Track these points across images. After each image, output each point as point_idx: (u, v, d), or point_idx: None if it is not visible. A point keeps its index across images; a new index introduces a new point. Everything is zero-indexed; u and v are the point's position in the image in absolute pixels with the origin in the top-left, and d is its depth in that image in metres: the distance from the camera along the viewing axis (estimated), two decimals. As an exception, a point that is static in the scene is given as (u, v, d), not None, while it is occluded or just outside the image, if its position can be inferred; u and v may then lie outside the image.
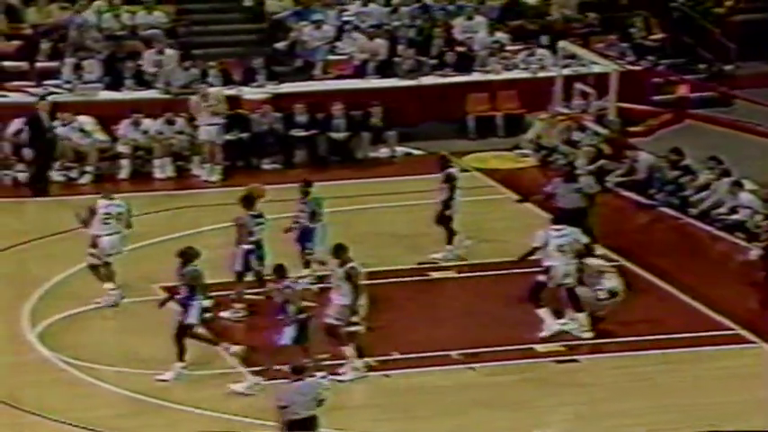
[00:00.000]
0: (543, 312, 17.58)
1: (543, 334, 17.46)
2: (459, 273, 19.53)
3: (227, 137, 23.93)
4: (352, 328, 16.34)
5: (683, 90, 26.77)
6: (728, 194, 21.56)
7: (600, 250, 19.56)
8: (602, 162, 23.55)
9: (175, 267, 16.33)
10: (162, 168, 23.77)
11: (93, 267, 18.35)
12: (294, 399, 13.41)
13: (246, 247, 17.89)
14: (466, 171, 23.61)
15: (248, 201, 18.24)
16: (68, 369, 16.36)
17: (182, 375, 16.10)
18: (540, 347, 17.20)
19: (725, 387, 16.21)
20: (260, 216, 18.08)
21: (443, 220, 19.71)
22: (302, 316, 15.94)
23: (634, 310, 18.30)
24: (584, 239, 17.88)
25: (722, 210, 21.54)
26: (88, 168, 23.37)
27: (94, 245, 18.17)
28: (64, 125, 23.40)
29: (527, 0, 28.63)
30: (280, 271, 16.20)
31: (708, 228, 21.58)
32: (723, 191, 21.70)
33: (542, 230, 17.81)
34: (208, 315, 16.59)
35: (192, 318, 16.11)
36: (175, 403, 15.47)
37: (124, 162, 23.76)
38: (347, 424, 15.15)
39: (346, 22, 27.15)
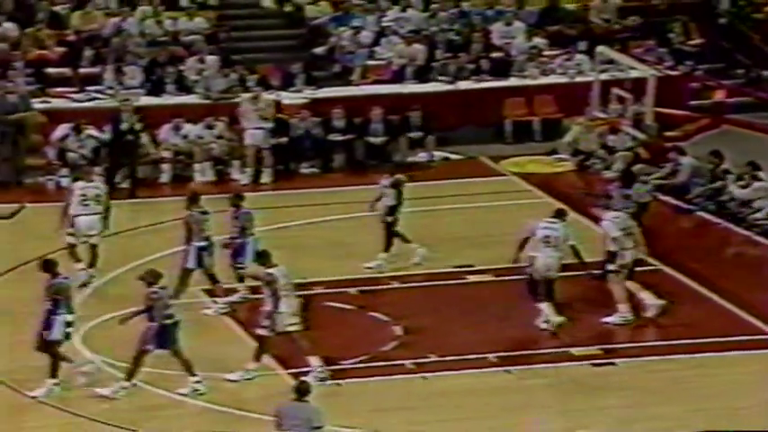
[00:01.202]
0: (544, 306, 17.65)
1: (544, 326, 17.59)
2: (496, 276, 19.62)
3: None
4: (290, 329, 16.31)
5: (720, 95, 26.75)
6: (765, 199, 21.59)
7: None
8: (639, 167, 23.59)
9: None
10: (202, 172, 23.99)
11: (70, 246, 18.75)
12: (287, 418, 13.13)
13: (198, 244, 18.06)
14: (503, 175, 23.85)
15: (194, 199, 18.54)
16: (111, 371, 16.48)
17: (53, 391, 15.86)
18: (576, 351, 17.27)
19: (761, 390, 16.19)
20: (206, 213, 18.31)
21: (387, 226, 19.47)
22: (168, 321, 15.93)
23: (671, 314, 18.36)
24: (572, 240, 17.86)
25: (760, 215, 21.55)
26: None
27: (72, 225, 18.63)
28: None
29: (566, 5, 28.68)
30: (151, 276, 16.13)
31: (745, 232, 21.60)
32: (759, 195, 21.73)
33: (533, 221, 17.92)
34: (70, 329, 16.12)
35: (55, 333, 15.81)
36: (215, 404, 15.59)
37: (165, 166, 24.01)
38: (383, 426, 15.26)
39: (385, 28, 27.28)
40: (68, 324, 16.00)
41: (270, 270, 16.43)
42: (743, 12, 28.78)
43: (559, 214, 18.14)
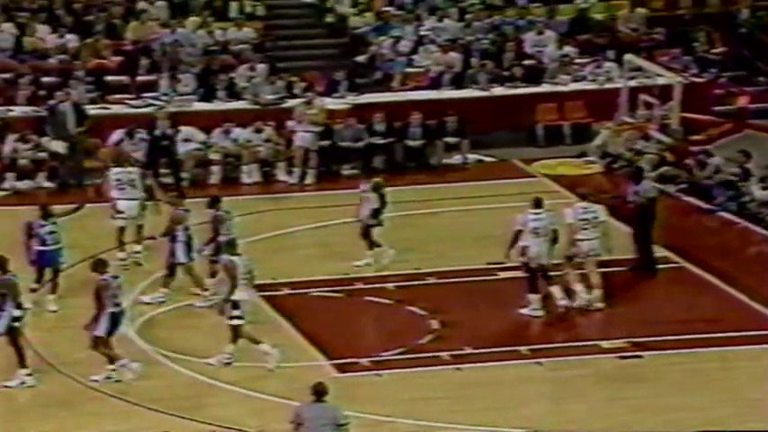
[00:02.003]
0: (553, 290, 17.74)
1: (562, 304, 17.70)
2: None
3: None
4: (234, 322, 16.36)
5: (742, 101, 26.61)
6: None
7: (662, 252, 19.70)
8: (664, 169, 23.54)
9: None
10: (249, 174, 24.09)
11: (120, 229, 19.39)
12: (310, 419, 12.81)
13: (184, 239, 18.19)
14: (534, 177, 23.81)
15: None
16: (163, 361, 16.62)
17: (26, 383, 15.94)
18: (604, 344, 17.24)
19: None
20: (188, 210, 18.49)
21: (367, 230, 19.31)
22: (115, 309, 15.96)
23: (694, 310, 18.31)
24: (553, 226, 17.98)
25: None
26: (184, 174, 23.68)
27: (115, 208, 19.22)
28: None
29: (595, 15, 28.61)
30: (99, 265, 16.16)
31: (765, 232, 21.47)
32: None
33: (520, 214, 17.96)
34: (17, 324, 16.03)
35: (1, 327, 15.77)
36: (263, 393, 15.66)
37: (215, 168, 24.13)
38: (422, 414, 15.27)
39: (423, 37, 27.30)
40: (15, 319, 15.95)
41: (230, 258, 16.47)
42: (762, 21, 28.62)
43: (538, 204, 18.17)
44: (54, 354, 16.76)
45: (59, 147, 23.31)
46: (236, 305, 16.33)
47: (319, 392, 12.98)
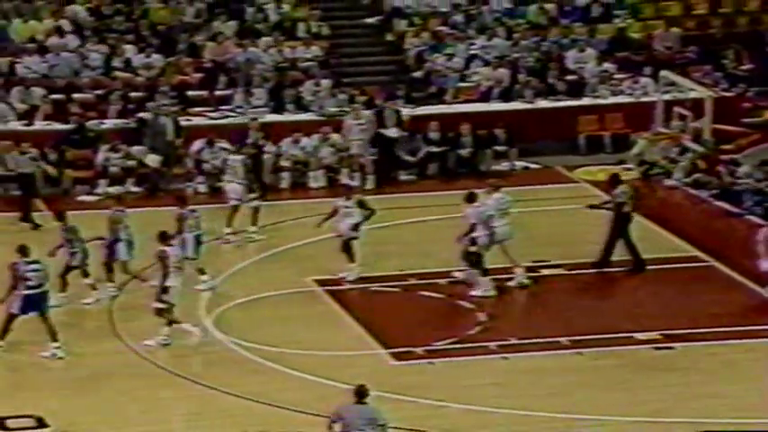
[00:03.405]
0: (485, 279, 17.89)
1: (475, 293, 17.81)
2: (568, 270, 19.43)
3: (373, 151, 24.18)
4: (159, 305, 16.37)
5: (769, 113, 26.31)
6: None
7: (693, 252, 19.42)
8: (697, 175, 23.25)
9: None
10: (316, 179, 24.08)
11: (233, 208, 20.16)
12: (351, 419, 12.44)
13: (190, 236, 18.21)
14: (576, 182, 23.61)
15: (182, 199, 18.98)
16: (238, 350, 16.64)
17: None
18: (639, 335, 17.06)
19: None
20: (194, 211, 18.51)
21: (348, 243, 18.77)
22: (30, 292, 15.96)
23: (723, 305, 18.08)
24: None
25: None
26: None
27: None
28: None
29: (632, 34, 28.35)
30: (20, 251, 16.15)
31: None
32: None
33: (470, 209, 18.02)
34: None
35: None
36: (328, 379, 15.64)
37: (285, 174, 24.16)
38: (471, 400, 15.20)
39: (474, 54, 27.19)
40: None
41: (163, 247, 16.44)
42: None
43: (497, 188, 18.53)
44: (138, 340, 16.84)
45: (154, 161, 23.44)
46: (165, 290, 16.40)
47: (361, 394, 12.68)
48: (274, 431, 14.39)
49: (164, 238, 16.74)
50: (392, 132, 24.51)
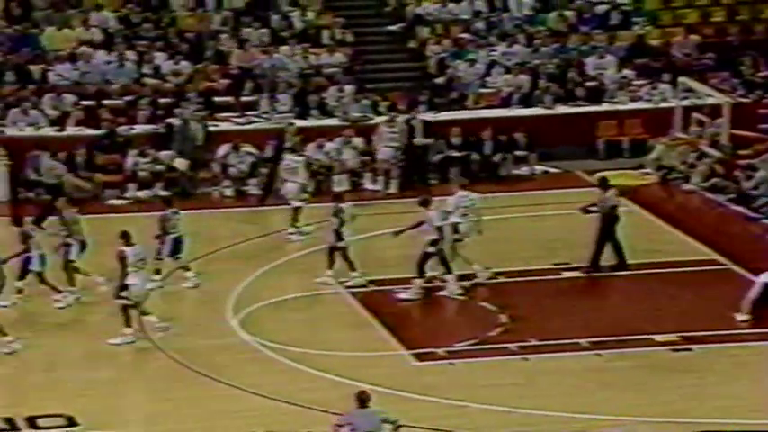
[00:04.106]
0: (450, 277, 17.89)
1: (445, 293, 17.85)
2: (586, 273, 19.38)
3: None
4: (121, 302, 16.51)
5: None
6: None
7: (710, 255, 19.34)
8: (715, 180, 23.21)
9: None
10: (339, 183, 24.12)
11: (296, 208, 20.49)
12: (360, 423, 12.54)
13: (172, 236, 18.33)
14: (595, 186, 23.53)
15: (168, 201, 19.09)
16: (263, 350, 16.69)
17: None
18: (658, 337, 17.02)
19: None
20: (177, 212, 18.57)
21: (333, 250, 18.72)
22: None
23: (740, 307, 17.98)
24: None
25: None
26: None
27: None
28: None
29: (651, 41, 28.29)
30: None
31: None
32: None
33: (430, 212, 18.00)
34: None
35: None
36: (351, 379, 15.64)
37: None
38: (491, 400, 15.21)
39: (494, 61, 27.19)
40: None
41: (122, 248, 16.61)
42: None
43: (463, 186, 18.82)
44: (166, 340, 16.95)
45: (183, 164, 23.54)
46: (125, 288, 16.56)
47: (362, 400, 12.76)
48: (298, 431, 14.43)
49: (124, 237, 16.89)
50: (423, 141, 24.49)
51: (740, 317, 17.44)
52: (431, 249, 18.06)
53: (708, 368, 16.23)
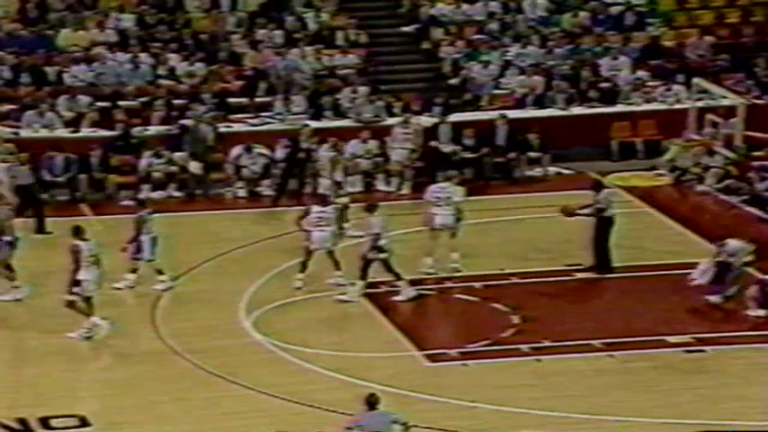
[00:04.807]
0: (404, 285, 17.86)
1: (399, 298, 17.68)
2: (599, 273, 19.31)
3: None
4: (70, 297, 16.48)
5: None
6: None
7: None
8: (729, 181, 23.09)
9: None
10: (353, 184, 24.07)
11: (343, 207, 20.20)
12: (371, 425, 12.54)
13: (146, 237, 18.27)
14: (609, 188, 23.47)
15: (142, 202, 19.20)
16: (276, 351, 16.67)
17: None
18: (671, 339, 16.93)
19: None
20: (152, 213, 18.55)
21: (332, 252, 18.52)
22: None
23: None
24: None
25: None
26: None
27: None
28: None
29: (665, 42, 28.18)
30: None
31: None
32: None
33: (373, 218, 17.98)
34: None
35: None
36: (363, 380, 15.60)
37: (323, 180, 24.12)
38: (503, 401, 15.17)
39: (508, 62, 27.13)
40: None
41: (76, 242, 16.53)
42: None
43: (449, 178, 18.66)
44: (179, 341, 16.93)
45: (197, 167, 23.55)
46: (77, 283, 16.52)
47: (372, 404, 12.76)
48: (310, 431, 14.40)
49: (77, 232, 16.85)
50: (447, 148, 24.35)
51: (753, 312, 17.38)
52: (372, 255, 17.90)
53: (721, 370, 16.15)
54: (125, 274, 18.46)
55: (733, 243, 18.02)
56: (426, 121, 25.03)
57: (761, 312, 17.39)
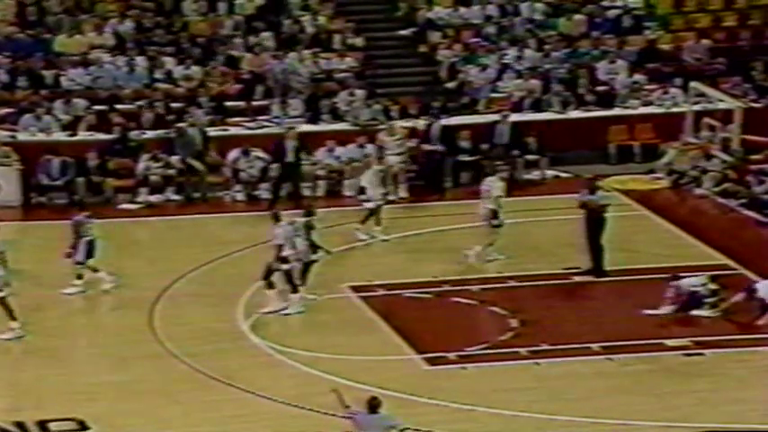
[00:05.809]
0: (272, 293, 17.61)
1: (265, 310, 17.51)
2: (597, 277, 19.31)
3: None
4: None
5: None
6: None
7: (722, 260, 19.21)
8: (726, 185, 23.09)
9: None
10: (350, 187, 24.06)
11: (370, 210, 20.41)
12: (367, 428, 12.63)
13: (84, 240, 18.24)
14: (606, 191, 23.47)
15: (81, 205, 19.28)
16: (274, 354, 16.66)
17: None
18: (669, 342, 16.92)
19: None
20: (91, 217, 18.54)
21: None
22: None
23: (753, 312, 17.87)
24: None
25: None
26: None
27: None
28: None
29: (662, 46, 28.19)
30: None
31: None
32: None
33: (278, 228, 17.76)
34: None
35: None
36: (362, 383, 15.55)
37: (321, 182, 24.15)
38: (504, 405, 15.14)
39: (506, 65, 27.13)
40: None
41: None
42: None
43: (495, 172, 19.04)
44: (177, 344, 16.89)
45: (200, 164, 23.53)
46: (7, 284, 16.56)
47: (373, 406, 12.79)
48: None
49: None
50: (440, 147, 24.36)
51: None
52: (276, 266, 17.77)
53: (720, 373, 16.13)
54: (73, 281, 18.38)
55: (687, 280, 17.92)
56: (421, 124, 25.02)
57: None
